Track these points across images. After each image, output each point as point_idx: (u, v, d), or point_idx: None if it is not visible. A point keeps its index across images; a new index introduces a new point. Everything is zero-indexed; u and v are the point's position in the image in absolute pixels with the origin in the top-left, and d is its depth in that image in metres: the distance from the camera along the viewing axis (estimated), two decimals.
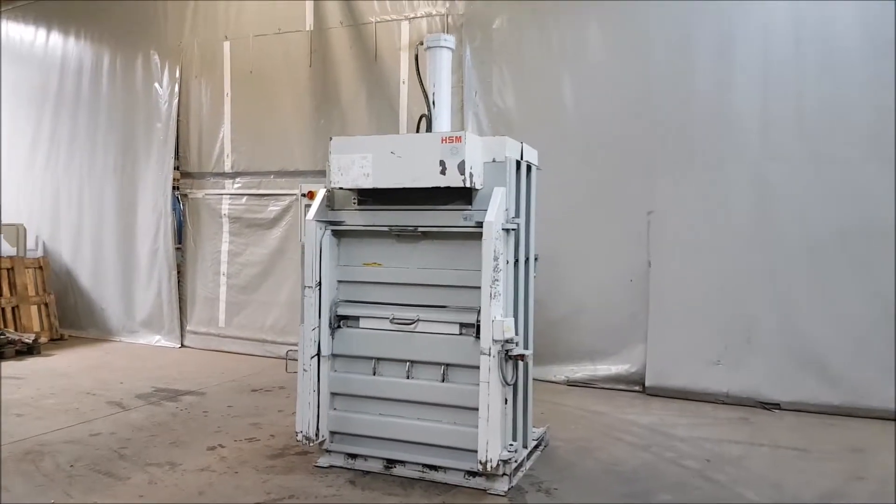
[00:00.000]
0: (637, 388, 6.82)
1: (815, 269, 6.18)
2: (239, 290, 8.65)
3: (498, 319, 4.03)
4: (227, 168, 8.66)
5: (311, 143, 8.05)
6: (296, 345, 7.98)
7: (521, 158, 4.43)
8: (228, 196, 8.69)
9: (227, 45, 8.56)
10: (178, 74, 8.83)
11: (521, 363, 4.33)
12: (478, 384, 4.11)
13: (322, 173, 7.71)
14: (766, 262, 6.35)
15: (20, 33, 10.11)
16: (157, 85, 8.97)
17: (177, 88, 8.84)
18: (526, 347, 4.57)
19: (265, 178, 8.45)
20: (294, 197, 8.12)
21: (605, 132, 6.87)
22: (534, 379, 6.83)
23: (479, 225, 4.08)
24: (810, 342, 6.20)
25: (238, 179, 8.63)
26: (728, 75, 6.45)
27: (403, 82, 7.51)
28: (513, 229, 4.23)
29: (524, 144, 4.49)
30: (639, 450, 5.17)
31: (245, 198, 8.58)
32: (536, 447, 4.90)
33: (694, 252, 6.59)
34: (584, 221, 6.96)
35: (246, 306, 8.61)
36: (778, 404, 6.28)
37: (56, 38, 9.80)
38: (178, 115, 8.86)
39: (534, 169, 4.68)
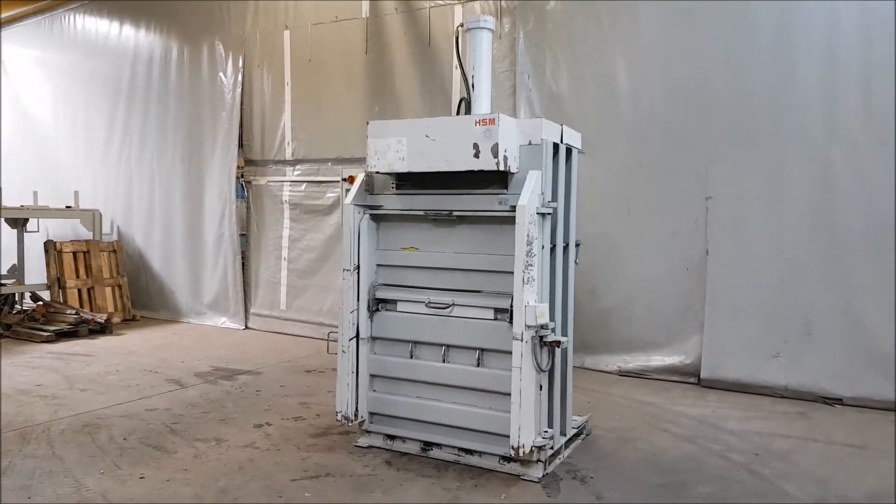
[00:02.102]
0: (692, 379, 6.63)
1: (879, 258, 5.84)
2: (299, 275, 8.86)
3: (531, 305, 3.99)
4: (288, 155, 8.86)
5: (366, 130, 8.10)
6: None
7: (561, 141, 4.36)
8: (289, 183, 8.90)
9: (286, 34, 8.73)
10: (241, 64, 9.08)
11: (557, 350, 4.29)
12: (511, 369, 4.08)
13: None
14: (829, 251, 6.05)
15: (95, 27, 10.60)
16: (221, 74, 9.25)
17: (240, 77, 9.09)
18: (564, 335, 4.50)
19: (323, 165, 8.61)
20: None
21: (660, 116, 6.67)
22: (585, 368, 6.86)
23: (514, 209, 4.04)
24: (874, 335, 5.87)
25: (298, 167, 8.82)
26: (789, 57, 6.14)
27: (456, 67, 7.48)
28: (548, 214, 4.16)
29: (564, 127, 4.41)
30: (683, 441, 5.04)
31: (304, 184, 8.77)
32: (577, 435, 4.84)
33: (753, 240, 6.34)
34: (639, 208, 6.79)
35: (305, 290, 8.82)
36: (840, 399, 5.99)
37: (128, 30, 10.23)
38: (242, 104, 9.12)
39: (575, 152, 4.59)
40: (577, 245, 4.69)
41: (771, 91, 6.22)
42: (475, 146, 4.03)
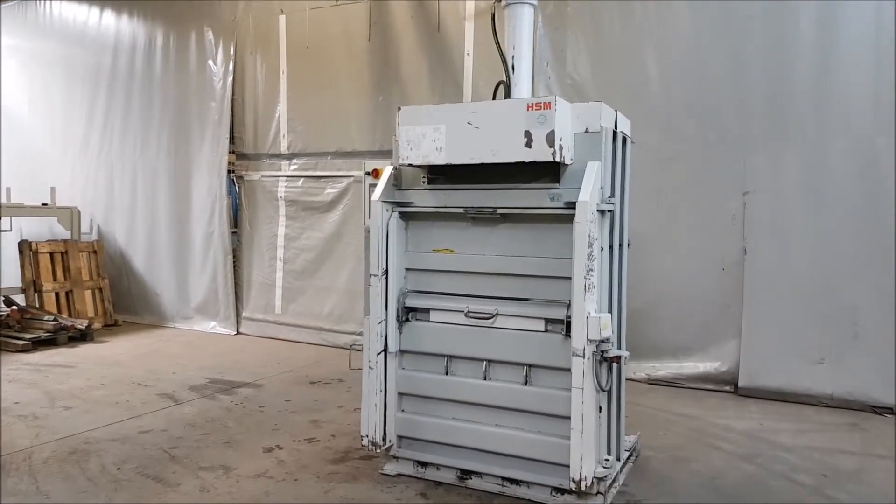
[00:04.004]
0: (728, 388, 6.19)
1: None
2: (295, 276, 8.29)
3: (593, 315, 3.49)
4: (284, 149, 8.28)
5: (370, 122, 7.60)
6: (354, 333, 7.72)
7: (616, 128, 3.86)
8: (285, 178, 8.32)
9: (282, 18, 8.14)
10: (232, 51, 8.47)
11: (615, 366, 3.80)
12: (565, 389, 3.60)
13: (382, 153, 7.34)
14: (876, 249, 5.63)
15: (73, 13, 9.88)
16: (210, 62, 8.63)
17: (231, 66, 8.48)
18: (619, 347, 4.01)
19: (322, 159, 8.04)
20: (352, 178, 7.71)
21: (693, 106, 6.21)
22: None
23: (569, 206, 3.55)
24: None
25: (294, 161, 8.24)
26: (831, 42, 5.72)
27: (468, 54, 6.97)
28: (609, 211, 3.67)
29: (618, 113, 3.91)
30: (740, 460, 4.58)
31: (302, 180, 8.19)
32: (628, 458, 4.35)
33: (794, 237, 5.91)
34: (670, 203, 6.33)
35: (303, 292, 8.25)
36: (891, 408, 5.58)
37: (109, 17, 9.54)
38: (233, 94, 8.50)
39: (629, 141, 4.09)
40: (628, 245, 4.20)
41: (814, 79, 5.79)
42: (527, 134, 3.51)
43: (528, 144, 3.51)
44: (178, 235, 9.04)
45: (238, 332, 8.67)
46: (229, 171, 8.68)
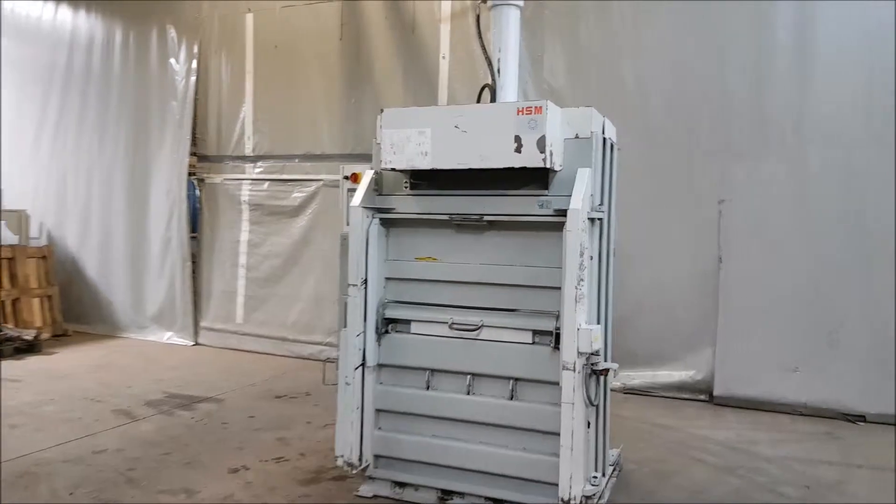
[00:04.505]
0: (703, 397, 6.14)
1: None
2: (259, 284, 7.99)
3: (584, 327, 3.35)
4: (248, 151, 7.98)
5: (341, 124, 7.38)
6: (321, 344, 7.47)
7: (603, 133, 3.73)
8: (249, 181, 8.02)
9: (249, 17, 7.86)
10: (196, 50, 8.15)
11: (602, 378, 3.67)
12: (553, 403, 3.47)
13: (354, 157, 7.12)
14: (853, 258, 5.66)
15: (26, 8, 9.42)
16: (172, 61, 8.29)
17: (194, 65, 8.15)
18: (605, 358, 3.88)
19: (289, 162, 7.77)
20: (321, 182, 7.48)
21: (670, 114, 6.16)
22: None
23: (559, 213, 3.42)
24: None
25: (260, 163, 7.95)
26: (811, 51, 5.73)
27: (444, 57, 6.81)
28: (599, 219, 3.54)
29: (606, 119, 3.79)
30: (723, 473, 4.51)
31: (267, 183, 7.90)
32: (612, 472, 4.21)
33: (770, 246, 5.89)
34: (646, 211, 6.23)
35: (266, 301, 7.95)
36: (863, 416, 5.61)
37: (65, 13, 9.12)
38: (196, 94, 8.17)
39: (615, 148, 3.98)
40: (613, 254, 4.08)
41: (791, 87, 5.80)
42: (517, 139, 3.36)
43: (519, 150, 3.37)
44: (135, 241, 8.65)
45: (196, 343, 8.32)
46: (190, 174, 8.35)
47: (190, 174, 8.33)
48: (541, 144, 3.33)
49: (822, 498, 4.12)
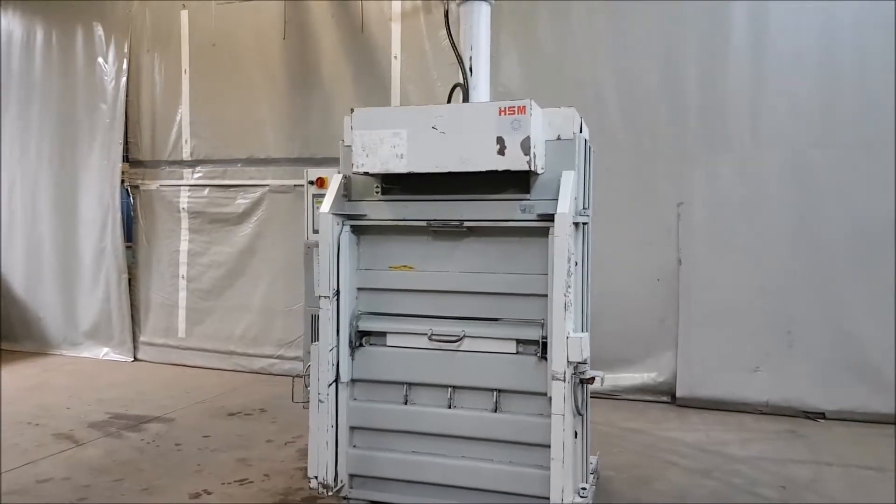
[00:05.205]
0: (665, 398, 6.15)
1: (863, 264, 5.62)
2: (201, 296, 7.60)
3: (574, 336, 3.22)
4: (186, 155, 7.59)
5: (287, 127, 7.08)
6: (271, 357, 7.16)
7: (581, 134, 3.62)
8: (187, 188, 7.63)
9: (184, 13, 7.47)
10: (126, 48, 7.69)
11: (586, 387, 3.55)
12: (539, 414, 3.37)
13: (302, 161, 6.82)
14: (810, 258, 5.74)
15: None
16: (101, 60, 7.82)
17: (125, 64, 7.70)
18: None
19: (231, 166, 7.42)
20: (267, 188, 7.17)
21: (628, 117, 6.14)
22: None
23: (542, 218, 3.29)
24: (860, 345, 5.63)
25: (199, 168, 7.57)
26: (763, 56, 5.80)
27: (395, 57, 6.61)
28: (584, 223, 3.43)
29: (583, 120, 3.68)
30: (699, 476, 4.48)
31: (207, 189, 7.53)
32: (593, 480, 4.12)
33: (729, 248, 5.93)
34: (604, 215, 6.15)
35: (210, 314, 7.57)
36: (823, 413, 5.70)
37: None
38: (128, 95, 7.72)
39: (592, 150, 3.88)
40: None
41: (746, 91, 5.85)
42: (499, 140, 3.22)
43: (501, 152, 3.22)
44: (64, 252, 8.13)
45: (136, 359, 7.87)
46: (123, 181, 7.89)
47: (123, 181, 7.86)
48: (525, 146, 3.19)
49: (800, 498, 4.13)
